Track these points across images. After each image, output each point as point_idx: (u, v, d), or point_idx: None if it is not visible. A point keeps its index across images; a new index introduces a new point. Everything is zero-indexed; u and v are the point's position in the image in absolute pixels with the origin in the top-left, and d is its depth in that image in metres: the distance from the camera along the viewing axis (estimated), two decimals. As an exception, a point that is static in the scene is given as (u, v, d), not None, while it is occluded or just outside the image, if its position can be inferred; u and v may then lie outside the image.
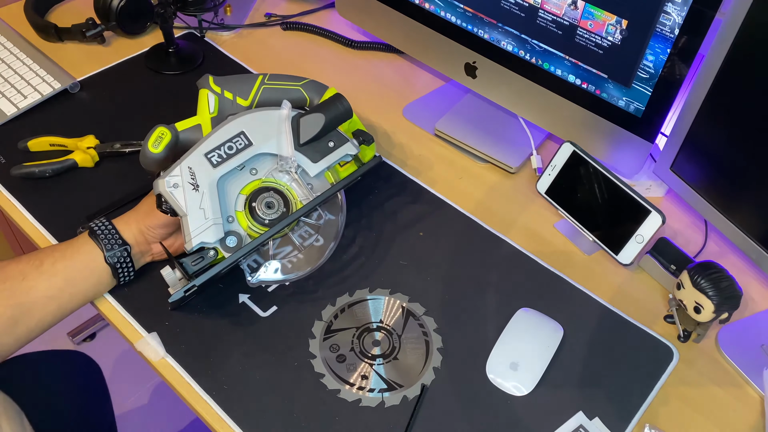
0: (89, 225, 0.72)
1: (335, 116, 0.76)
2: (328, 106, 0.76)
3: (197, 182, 0.68)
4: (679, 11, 0.68)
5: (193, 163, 0.69)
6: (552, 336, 0.73)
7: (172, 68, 1.04)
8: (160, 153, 0.73)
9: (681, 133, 0.76)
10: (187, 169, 0.69)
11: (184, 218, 0.68)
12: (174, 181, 0.68)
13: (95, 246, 0.70)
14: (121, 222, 0.73)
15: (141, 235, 0.73)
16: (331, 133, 0.76)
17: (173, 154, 0.73)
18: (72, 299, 0.70)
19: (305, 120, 0.75)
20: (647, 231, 0.75)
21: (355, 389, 0.69)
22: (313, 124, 0.75)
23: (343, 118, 0.77)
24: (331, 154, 0.76)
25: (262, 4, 1.20)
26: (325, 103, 0.77)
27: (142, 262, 0.75)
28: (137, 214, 0.73)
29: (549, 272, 0.80)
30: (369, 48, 1.12)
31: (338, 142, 0.76)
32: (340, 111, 0.76)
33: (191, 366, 0.69)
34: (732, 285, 0.70)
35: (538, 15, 0.80)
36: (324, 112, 0.75)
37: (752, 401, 0.71)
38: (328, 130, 0.76)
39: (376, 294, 0.77)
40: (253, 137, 0.72)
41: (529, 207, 0.89)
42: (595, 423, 0.67)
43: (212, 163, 0.70)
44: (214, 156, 0.70)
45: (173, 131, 0.75)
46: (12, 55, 1.02)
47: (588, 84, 0.81)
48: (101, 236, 0.70)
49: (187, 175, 0.68)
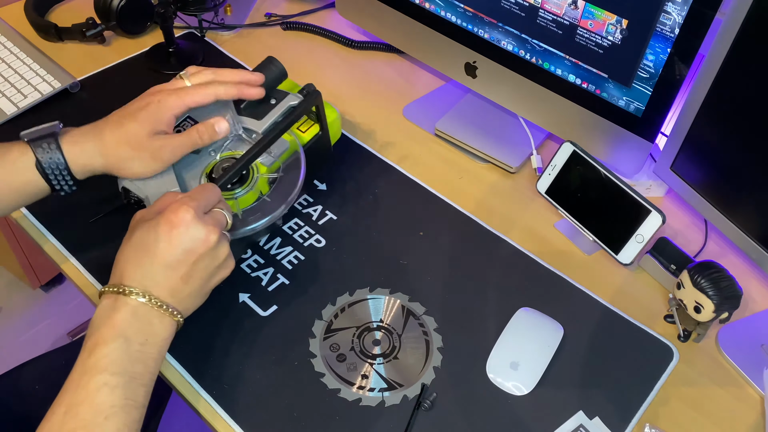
0: (31, 145, 0.67)
1: (269, 75, 0.78)
2: (260, 68, 0.79)
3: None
4: (679, 11, 0.68)
5: None
6: (552, 336, 0.73)
7: (172, 68, 1.04)
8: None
9: (681, 133, 0.77)
10: None
11: (147, 200, 0.71)
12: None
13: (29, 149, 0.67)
14: (82, 155, 0.69)
15: (104, 160, 0.69)
16: (271, 92, 0.79)
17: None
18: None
19: None
20: (647, 231, 0.75)
21: (355, 389, 0.69)
22: None
23: (279, 78, 0.80)
24: (273, 109, 0.78)
25: (263, 4, 1.20)
26: (258, 66, 0.79)
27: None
28: (114, 162, 0.69)
29: (549, 272, 0.80)
30: (369, 48, 1.12)
31: (279, 98, 0.79)
32: (273, 71, 0.79)
33: (191, 366, 0.69)
34: (732, 285, 0.70)
35: (539, 15, 0.80)
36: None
37: (752, 401, 0.71)
38: (266, 91, 0.78)
39: (376, 293, 0.77)
40: (199, 118, 0.76)
41: (529, 207, 0.89)
42: (595, 422, 0.67)
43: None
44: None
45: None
46: (12, 54, 1.02)
47: (588, 84, 0.81)
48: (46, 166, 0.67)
49: None
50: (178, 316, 0.61)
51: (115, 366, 0.56)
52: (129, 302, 0.58)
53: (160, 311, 0.60)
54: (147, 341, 0.58)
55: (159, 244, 0.60)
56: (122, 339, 0.57)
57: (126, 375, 0.56)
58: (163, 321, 0.60)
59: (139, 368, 0.57)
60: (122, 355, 0.56)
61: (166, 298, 0.60)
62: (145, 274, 0.60)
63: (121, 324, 0.58)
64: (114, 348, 0.56)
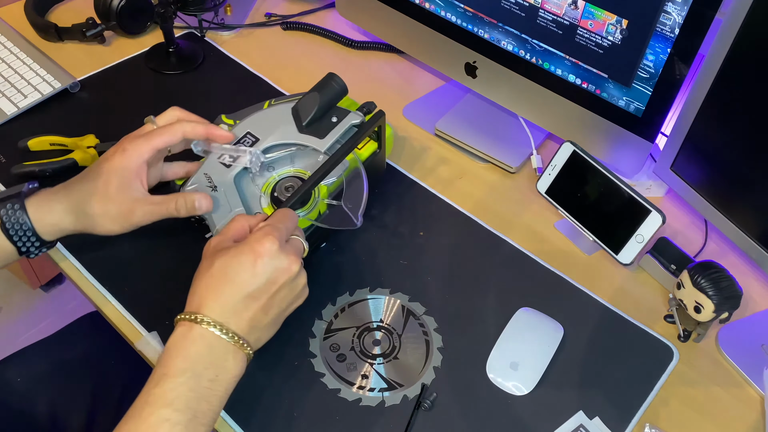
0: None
1: (330, 93, 0.78)
2: (321, 85, 0.78)
3: (215, 184, 0.72)
4: (679, 11, 0.68)
5: (208, 169, 0.73)
6: (552, 336, 0.73)
7: (172, 68, 1.04)
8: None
9: (681, 133, 0.77)
10: (203, 176, 0.73)
11: (209, 216, 0.71)
12: (193, 188, 0.72)
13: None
14: (50, 215, 0.68)
15: (73, 217, 0.68)
16: (332, 110, 0.78)
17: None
18: None
19: (302, 103, 0.78)
20: (647, 231, 0.75)
21: (355, 389, 0.69)
22: (310, 103, 0.77)
23: (339, 95, 0.79)
24: (336, 127, 0.77)
25: (263, 4, 1.20)
26: (319, 83, 0.79)
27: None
28: (83, 220, 0.68)
29: (549, 272, 0.80)
30: (369, 48, 1.12)
31: (341, 116, 0.78)
32: (334, 88, 0.79)
33: (191, 365, 0.69)
34: (732, 285, 0.70)
35: (539, 15, 0.80)
36: (318, 91, 0.78)
37: (752, 401, 0.71)
38: (327, 107, 0.78)
39: (377, 293, 0.77)
40: (259, 134, 0.76)
41: (529, 207, 0.89)
42: (595, 422, 0.67)
43: (225, 164, 0.74)
44: (226, 158, 0.74)
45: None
46: (12, 54, 1.02)
47: (588, 84, 0.81)
48: (12, 232, 0.66)
49: (205, 180, 0.73)
50: (249, 350, 0.59)
51: (180, 401, 0.54)
52: (205, 334, 0.57)
53: (235, 346, 0.58)
54: (217, 378, 0.57)
55: (242, 273, 0.58)
56: (191, 373, 0.55)
57: (189, 412, 0.54)
58: (236, 356, 0.58)
59: (204, 406, 0.56)
60: (189, 391, 0.55)
61: (243, 330, 0.59)
62: (225, 303, 0.58)
63: (194, 356, 0.56)
64: (182, 382, 0.55)
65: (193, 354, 0.56)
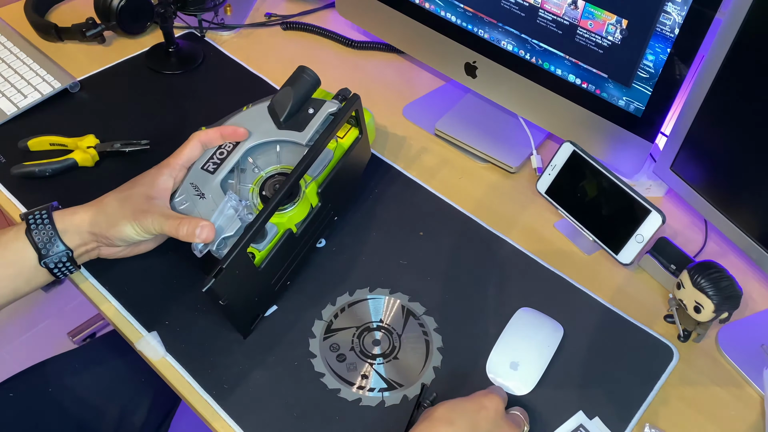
0: (26, 218, 0.67)
1: (303, 86, 0.78)
2: (294, 79, 0.78)
3: (202, 192, 0.72)
4: (679, 11, 0.68)
5: (194, 178, 0.73)
6: (552, 336, 0.73)
7: (172, 68, 1.04)
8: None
9: (681, 133, 0.77)
10: (189, 186, 0.73)
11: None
12: (180, 199, 0.72)
13: (28, 244, 0.67)
14: (73, 217, 0.69)
15: (91, 237, 0.70)
16: (307, 102, 0.78)
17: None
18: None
19: (276, 99, 0.78)
20: (647, 231, 0.75)
21: (355, 389, 0.69)
22: (284, 99, 0.77)
23: (313, 86, 0.79)
24: (313, 118, 0.77)
25: (262, 4, 1.20)
26: (291, 77, 0.78)
27: (87, 260, 0.73)
28: (99, 217, 0.69)
29: (549, 272, 0.80)
30: (369, 48, 1.12)
31: (317, 106, 0.78)
32: (307, 80, 0.78)
33: (191, 365, 0.69)
34: (732, 285, 0.70)
35: (538, 15, 0.80)
36: (291, 85, 0.77)
37: (752, 401, 0.71)
38: (302, 101, 0.77)
39: (376, 293, 0.77)
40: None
41: (529, 207, 0.89)
42: (595, 422, 0.67)
43: (209, 171, 0.74)
44: (209, 165, 0.74)
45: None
46: (12, 54, 1.02)
47: (588, 84, 0.81)
48: (37, 237, 0.67)
49: (192, 190, 0.72)
50: None
51: None
52: None
53: None
54: None
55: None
56: None
57: None
58: None
59: None
60: None
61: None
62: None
63: None
64: None
65: None
